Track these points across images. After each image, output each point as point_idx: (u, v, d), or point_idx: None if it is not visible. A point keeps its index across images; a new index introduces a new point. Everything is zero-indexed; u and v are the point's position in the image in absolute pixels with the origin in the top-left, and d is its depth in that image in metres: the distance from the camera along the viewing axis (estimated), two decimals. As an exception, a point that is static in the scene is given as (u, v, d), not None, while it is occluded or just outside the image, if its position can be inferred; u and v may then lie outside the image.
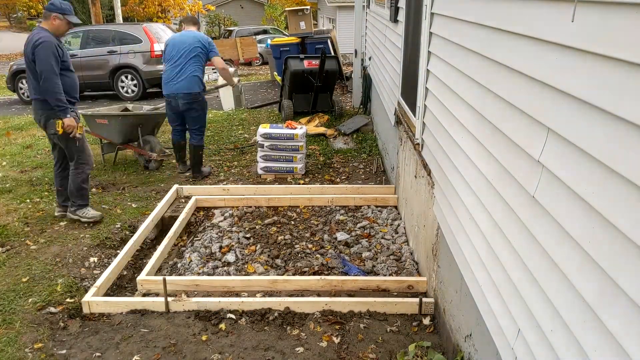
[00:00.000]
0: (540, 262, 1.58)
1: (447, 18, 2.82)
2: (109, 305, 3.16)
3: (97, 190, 5.28)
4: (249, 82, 14.46)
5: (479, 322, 2.18)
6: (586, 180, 1.32)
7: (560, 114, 1.47)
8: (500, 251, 1.93)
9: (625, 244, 1.14)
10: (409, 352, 2.59)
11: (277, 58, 11.38)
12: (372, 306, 3.10)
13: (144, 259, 3.99)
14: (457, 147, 2.53)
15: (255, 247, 4.03)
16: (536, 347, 1.58)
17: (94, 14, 16.58)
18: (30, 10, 35.21)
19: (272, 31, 22.82)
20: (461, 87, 2.51)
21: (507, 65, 1.89)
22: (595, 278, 1.26)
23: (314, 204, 4.79)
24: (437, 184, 2.98)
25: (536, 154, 1.62)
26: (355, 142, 7.04)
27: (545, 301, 1.53)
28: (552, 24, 1.52)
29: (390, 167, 5.29)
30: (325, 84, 8.26)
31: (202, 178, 5.58)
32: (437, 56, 3.08)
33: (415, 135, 3.68)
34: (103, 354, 2.74)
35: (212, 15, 28.36)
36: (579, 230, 1.35)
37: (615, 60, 1.18)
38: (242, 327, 2.97)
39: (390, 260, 3.77)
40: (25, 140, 7.42)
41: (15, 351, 2.74)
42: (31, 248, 3.93)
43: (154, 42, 11.72)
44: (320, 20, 25.56)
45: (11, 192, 5.15)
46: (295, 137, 5.43)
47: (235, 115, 8.93)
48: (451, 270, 2.69)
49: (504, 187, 1.92)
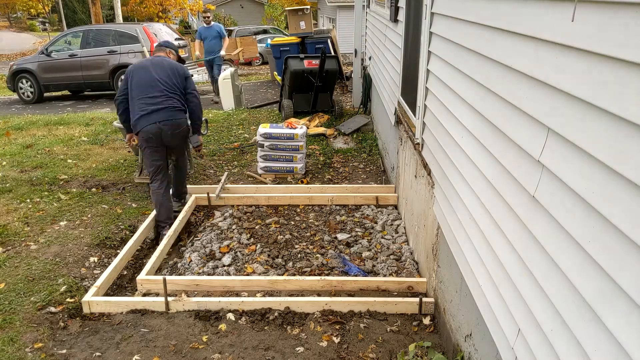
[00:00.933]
0: (541, 262, 1.58)
1: (448, 18, 2.82)
2: (109, 305, 3.16)
3: (97, 190, 5.28)
4: (249, 81, 14.46)
5: (479, 322, 2.18)
6: (586, 180, 1.32)
7: (560, 113, 1.47)
8: (501, 251, 1.93)
9: (626, 243, 1.14)
10: (409, 352, 2.59)
11: (277, 58, 11.38)
12: (372, 306, 3.10)
13: (144, 258, 3.99)
14: (457, 146, 2.53)
15: (255, 246, 4.03)
16: (536, 347, 1.58)
17: (94, 14, 16.59)
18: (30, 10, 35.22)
19: (272, 31, 22.81)
20: (461, 86, 2.51)
21: (507, 64, 1.89)
22: (596, 278, 1.26)
23: (314, 204, 4.79)
24: (437, 184, 2.98)
25: (536, 153, 1.62)
26: (356, 142, 7.04)
27: (545, 301, 1.53)
28: (552, 23, 1.51)
29: (391, 166, 5.29)
30: (325, 83, 8.25)
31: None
32: (437, 56, 3.08)
33: (416, 135, 3.67)
34: (103, 354, 2.74)
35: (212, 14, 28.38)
36: (579, 230, 1.35)
37: (615, 59, 1.18)
38: (242, 326, 2.97)
39: (390, 260, 3.77)
40: (25, 140, 7.42)
41: (15, 351, 2.74)
42: (31, 248, 3.93)
43: (154, 42, 11.72)
44: (320, 19, 25.56)
45: (11, 191, 5.15)
46: (295, 137, 5.43)
47: (235, 115, 8.93)
48: (451, 270, 2.69)
49: (504, 187, 1.91)
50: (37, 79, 11.93)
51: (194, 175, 5.73)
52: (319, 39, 11.18)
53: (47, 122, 8.80)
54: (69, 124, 8.64)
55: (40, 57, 12.05)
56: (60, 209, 4.72)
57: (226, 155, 6.53)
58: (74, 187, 5.34)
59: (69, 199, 4.97)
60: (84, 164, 6.09)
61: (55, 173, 5.73)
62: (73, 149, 6.89)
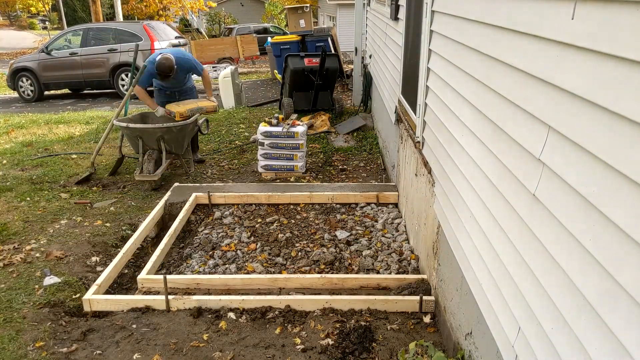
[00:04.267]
0: (541, 260, 1.58)
1: (448, 16, 2.82)
2: (109, 303, 3.16)
3: (98, 189, 5.28)
4: (250, 80, 14.44)
5: (479, 320, 2.18)
6: (587, 179, 1.32)
7: (560, 111, 1.47)
8: (501, 249, 1.93)
9: (626, 242, 1.14)
10: (409, 350, 2.59)
11: (277, 56, 11.37)
12: (373, 304, 3.10)
13: (144, 257, 3.99)
14: (458, 145, 2.53)
15: (255, 245, 4.03)
16: (537, 346, 1.58)
17: (94, 12, 16.58)
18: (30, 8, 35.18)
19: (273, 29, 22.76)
20: (462, 85, 2.51)
21: (507, 63, 1.88)
22: (596, 276, 1.26)
23: (314, 202, 4.78)
24: (438, 182, 2.98)
25: (537, 152, 1.61)
26: (356, 140, 7.04)
27: (546, 299, 1.53)
28: (552, 21, 1.51)
29: (391, 165, 5.29)
30: (326, 82, 8.24)
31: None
32: (437, 54, 3.07)
33: (416, 133, 3.67)
34: (104, 352, 2.74)
35: (212, 13, 28.31)
36: (580, 228, 1.35)
37: (616, 57, 1.18)
38: (242, 325, 2.97)
39: (391, 258, 3.77)
40: (26, 138, 7.42)
41: (17, 349, 2.75)
42: (32, 246, 3.93)
43: (155, 40, 11.71)
44: (321, 18, 25.52)
45: (12, 190, 5.15)
46: (295, 135, 5.42)
47: (235, 114, 8.93)
48: (452, 269, 2.70)
49: (504, 185, 1.91)
50: (38, 78, 11.92)
51: (194, 174, 5.73)
52: (320, 37, 11.17)
53: (48, 120, 8.80)
54: (69, 122, 8.64)
55: (40, 56, 12.05)
56: (60, 207, 4.72)
57: (226, 154, 6.53)
58: (74, 186, 5.34)
59: (70, 198, 4.98)
60: (85, 163, 6.09)
61: (56, 172, 5.74)
62: (73, 147, 6.89)
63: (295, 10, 11.10)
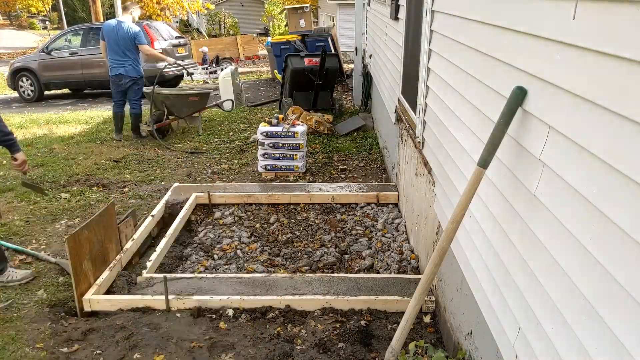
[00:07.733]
0: (541, 260, 1.58)
1: (448, 16, 2.82)
2: (110, 303, 3.16)
3: (98, 189, 5.28)
4: (250, 79, 14.44)
5: (479, 320, 2.18)
6: (587, 179, 1.32)
7: (561, 111, 1.47)
8: (501, 249, 1.93)
9: (626, 241, 1.14)
10: (409, 350, 2.58)
11: (277, 56, 11.37)
12: (373, 304, 3.10)
13: (144, 257, 3.99)
14: (458, 144, 2.53)
15: (255, 245, 4.03)
16: (537, 345, 1.58)
17: (94, 12, 16.57)
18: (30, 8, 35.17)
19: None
20: (462, 84, 2.51)
21: (508, 62, 1.88)
22: (596, 276, 1.26)
23: (314, 202, 4.78)
24: (438, 182, 2.98)
25: (537, 151, 1.61)
26: (356, 140, 7.03)
27: (546, 299, 1.53)
28: (553, 21, 1.51)
29: (391, 165, 5.29)
30: (326, 82, 8.24)
31: (140, 138, 7.17)
32: (437, 54, 3.07)
33: (416, 133, 3.67)
34: (104, 352, 2.74)
35: (212, 13, 28.29)
36: (580, 228, 1.35)
37: (616, 57, 1.18)
38: (243, 324, 2.97)
39: (391, 258, 3.77)
40: (26, 138, 7.42)
41: (17, 349, 2.75)
42: (32, 247, 3.93)
43: (154, 40, 11.70)
44: (321, 17, 25.51)
45: (12, 190, 5.15)
46: (295, 135, 5.42)
47: (235, 114, 8.93)
48: (452, 269, 2.70)
49: (504, 185, 1.91)
50: (38, 77, 11.91)
51: (194, 174, 5.73)
52: (320, 37, 11.17)
53: (48, 120, 8.80)
54: (70, 122, 8.64)
55: (40, 56, 12.03)
56: (61, 207, 4.72)
57: (226, 154, 6.53)
58: (75, 186, 5.34)
59: (70, 198, 4.98)
60: (85, 163, 6.09)
61: (56, 172, 5.74)
62: (74, 147, 6.89)
63: (296, 11, 11.11)
